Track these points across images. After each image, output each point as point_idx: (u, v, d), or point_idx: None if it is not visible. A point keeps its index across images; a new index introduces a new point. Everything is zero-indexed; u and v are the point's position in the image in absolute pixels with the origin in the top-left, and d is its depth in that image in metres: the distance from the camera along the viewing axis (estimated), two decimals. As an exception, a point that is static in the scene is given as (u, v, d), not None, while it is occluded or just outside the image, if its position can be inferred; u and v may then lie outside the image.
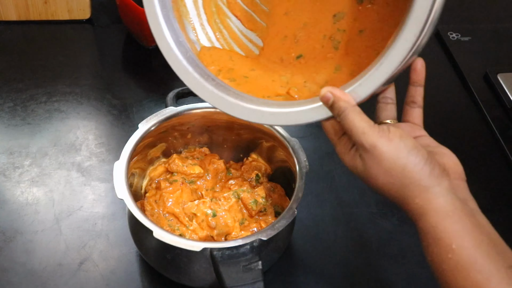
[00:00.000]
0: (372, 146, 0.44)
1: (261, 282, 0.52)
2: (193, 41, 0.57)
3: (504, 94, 0.92)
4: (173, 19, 0.54)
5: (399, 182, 0.44)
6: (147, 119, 0.66)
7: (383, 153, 0.43)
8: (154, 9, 0.52)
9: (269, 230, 0.56)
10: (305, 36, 0.56)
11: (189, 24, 0.57)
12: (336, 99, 0.45)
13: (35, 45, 0.97)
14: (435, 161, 0.44)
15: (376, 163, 0.44)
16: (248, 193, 0.66)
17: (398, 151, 0.43)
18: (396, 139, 0.44)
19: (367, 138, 0.44)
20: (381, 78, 0.44)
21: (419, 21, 0.42)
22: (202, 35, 0.58)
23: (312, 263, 0.69)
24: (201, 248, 0.54)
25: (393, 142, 0.43)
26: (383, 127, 0.45)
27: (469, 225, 0.42)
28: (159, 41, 0.53)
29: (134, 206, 0.57)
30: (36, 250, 0.68)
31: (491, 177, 0.82)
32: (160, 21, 0.52)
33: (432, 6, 0.41)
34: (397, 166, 0.43)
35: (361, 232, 0.73)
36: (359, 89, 0.46)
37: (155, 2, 0.52)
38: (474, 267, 0.41)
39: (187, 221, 0.64)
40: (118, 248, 0.68)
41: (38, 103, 0.87)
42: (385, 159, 0.44)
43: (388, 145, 0.43)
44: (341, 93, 0.45)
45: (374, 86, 0.45)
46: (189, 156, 0.72)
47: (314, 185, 0.78)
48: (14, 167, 0.77)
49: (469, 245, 0.42)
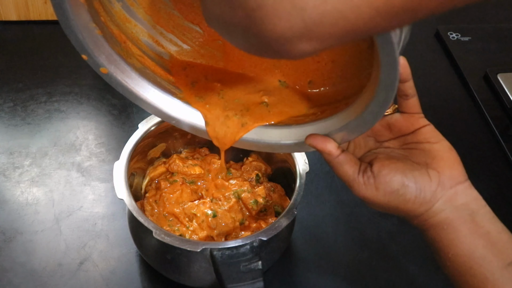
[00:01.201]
0: (363, 196, 0.47)
1: (261, 282, 0.52)
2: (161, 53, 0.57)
3: (504, 94, 0.92)
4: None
5: (397, 213, 0.48)
6: (147, 119, 0.66)
7: (374, 202, 0.47)
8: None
9: (269, 230, 0.56)
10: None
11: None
12: (319, 150, 0.47)
13: (35, 45, 0.97)
14: (425, 184, 0.45)
15: (371, 204, 0.47)
16: (249, 193, 0.66)
17: (387, 197, 0.46)
18: (381, 186, 0.45)
19: (355, 190, 0.47)
20: (366, 127, 0.44)
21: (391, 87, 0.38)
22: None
23: (312, 263, 0.69)
24: (201, 248, 0.54)
25: (380, 190, 0.46)
26: (368, 173, 0.46)
27: (464, 232, 0.44)
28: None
29: (134, 206, 0.57)
30: (36, 250, 0.68)
31: (491, 177, 0.82)
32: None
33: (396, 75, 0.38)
34: (390, 207, 0.47)
35: (361, 232, 0.73)
36: (339, 135, 0.47)
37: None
38: (470, 273, 0.44)
39: (187, 221, 0.64)
40: (118, 248, 0.68)
41: (38, 103, 0.87)
42: (377, 205, 0.47)
43: (376, 194, 0.46)
44: (323, 144, 0.47)
45: (358, 133, 0.45)
46: (189, 156, 0.72)
47: (314, 185, 0.78)
48: (14, 167, 0.77)
49: (464, 252, 0.44)
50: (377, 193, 0.46)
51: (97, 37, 0.50)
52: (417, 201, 0.45)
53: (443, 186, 0.46)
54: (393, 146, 0.49)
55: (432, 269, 0.69)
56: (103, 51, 0.51)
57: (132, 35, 0.55)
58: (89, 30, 0.49)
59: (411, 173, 0.46)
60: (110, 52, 0.52)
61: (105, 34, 0.51)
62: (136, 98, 0.55)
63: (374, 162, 0.47)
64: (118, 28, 0.53)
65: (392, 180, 0.45)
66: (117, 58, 0.53)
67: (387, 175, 0.45)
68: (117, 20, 0.53)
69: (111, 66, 0.52)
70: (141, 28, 0.55)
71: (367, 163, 0.47)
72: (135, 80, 0.55)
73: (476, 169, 0.82)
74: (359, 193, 0.47)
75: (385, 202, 0.46)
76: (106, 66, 0.52)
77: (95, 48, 0.50)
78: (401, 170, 0.46)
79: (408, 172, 0.46)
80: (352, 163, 0.47)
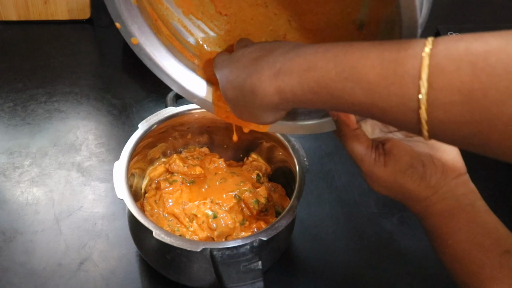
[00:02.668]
0: (370, 172, 0.48)
1: (261, 282, 0.52)
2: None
3: (504, 94, 0.92)
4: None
5: (399, 196, 0.48)
6: (147, 119, 0.66)
7: (381, 178, 0.47)
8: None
9: (269, 230, 0.56)
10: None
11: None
12: (342, 120, 0.49)
13: (35, 45, 0.98)
14: (432, 169, 0.47)
15: (376, 183, 0.48)
16: (250, 193, 0.66)
17: (394, 174, 0.47)
18: (391, 163, 0.47)
19: (364, 165, 0.48)
20: None
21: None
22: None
23: (312, 263, 0.69)
24: (201, 248, 0.54)
25: (388, 167, 0.47)
26: (379, 150, 0.48)
27: (463, 221, 0.46)
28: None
29: (134, 206, 0.57)
30: (36, 250, 0.68)
31: (491, 177, 0.82)
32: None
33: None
34: (395, 186, 0.47)
35: (361, 232, 0.73)
36: None
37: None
38: (469, 259, 0.45)
39: (188, 222, 0.64)
40: (118, 248, 0.68)
41: (38, 103, 0.87)
42: (383, 181, 0.47)
43: (384, 170, 0.47)
44: (345, 115, 0.48)
45: None
46: (189, 156, 0.72)
47: (314, 185, 0.78)
48: (14, 167, 0.77)
49: (463, 239, 0.45)
50: (385, 169, 0.47)
51: (132, 6, 0.51)
52: (422, 184, 0.47)
53: (446, 175, 0.47)
54: (398, 137, 0.51)
55: (431, 269, 0.69)
56: (136, 21, 0.52)
57: (163, 16, 0.56)
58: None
59: (419, 157, 0.47)
60: (143, 23, 0.53)
61: (140, 5, 0.52)
62: (162, 73, 0.56)
63: (386, 141, 0.48)
64: (151, 6, 0.54)
65: (402, 159, 0.47)
66: (148, 30, 0.54)
67: (398, 153, 0.47)
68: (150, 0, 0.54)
69: (142, 37, 0.53)
70: (172, 12, 0.56)
71: (379, 141, 0.49)
72: (163, 55, 0.55)
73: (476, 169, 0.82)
74: (368, 169, 0.47)
75: (391, 180, 0.47)
76: (137, 36, 0.53)
77: (128, 17, 0.51)
78: (410, 153, 0.47)
79: (417, 156, 0.47)
80: (365, 138, 0.48)
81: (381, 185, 0.48)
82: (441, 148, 0.49)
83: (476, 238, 0.45)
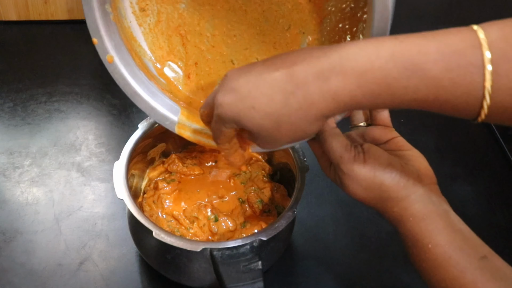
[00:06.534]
0: (349, 170, 0.47)
1: (261, 282, 0.52)
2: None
3: (504, 94, 0.92)
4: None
5: (378, 196, 0.47)
6: (147, 119, 0.66)
7: (360, 175, 0.47)
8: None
9: (269, 230, 0.56)
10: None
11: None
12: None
13: (35, 45, 0.98)
14: (409, 171, 0.47)
15: (355, 182, 0.47)
16: (255, 193, 0.66)
17: (374, 171, 0.46)
18: (370, 160, 0.47)
19: (344, 162, 0.47)
20: None
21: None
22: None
23: (312, 263, 0.69)
24: (201, 248, 0.54)
25: (368, 164, 0.47)
26: (358, 149, 0.48)
27: (442, 225, 0.45)
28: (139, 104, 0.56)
29: (134, 206, 0.57)
30: (36, 250, 0.68)
31: (491, 177, 0.82)
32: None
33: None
34: (375, 183, 0.47)
35: (361, 232, 0.73)
36: None
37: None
38: (450, 263, 0.44)
39: (188, 224, 0.64)
40: (118, 248, 0.68)
41: (38, 103, 0.87)
42: (363, 179, 0.47)
43: (364, 167, 0.47)
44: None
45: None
46: (188, 156, 0.72)
47: (314, 185, 0.78)
48: (14, 167, 0.77)
49: (443, 243, 0.45)
50: (365, 166, 0.46)
51: (110, 22, 0.51)
52: (401, 182, 0.46)
53: (421, 180, 0.47)
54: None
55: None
56: (113, 38, 0.52)
57: (136, 51, 0.56)
58: (105, 12, 0.50)
59: (397, 159, 0.48)
60: (119, 42, 0.53)
61: (118, 23, 0.52)
62: (135, 94, 0.56)
63: (364, 143, 0.49)
64: (126, 38, 0.54)
65: (381, 157, 0.47)
66: (124, 50, 0.53)
67: (376, 152, 0.47)
68: (125, 33, 0.54)
69: (117, 56, 0.53)
70: (145, 50, 0.57)
71: (357, 143, 0.49)
72: (137, 76, 0.55)
73: (476, 169, 0.82)
74: (347, 166, 0.47)
75: (371, 177, 0.46)
76: (113, 54, 0.52)
77: (106, 33, 0.51)
78: (387, 154, 0.48)
79: (395, 157, 0.48)
80: (344, 137, 0.48)
81: (360, 184, 0.47)
82: (412, 159, 0.49)
83: (455, 241, 0.45)
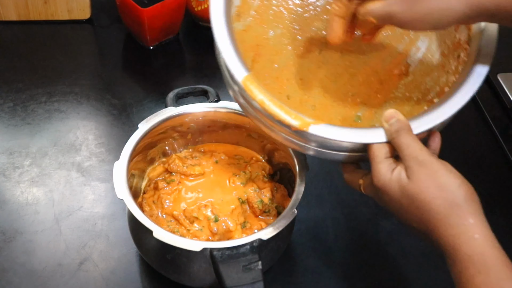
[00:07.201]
0: (429, 161, 0.46)
1: (261, 282, 0.52)
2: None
3: (504, 94, 0.92)
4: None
5: (451, 197, 0.45)
6: (147, 119, 0.66)
7: (439, 170, 0.46)
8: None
9: (269, 230, 0.56)
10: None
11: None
12: (398, 118, 0.50)
13: (35, 45, 0.97)
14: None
15: (430, 176, 0.46)
16: (255, 193, 0.66)
17: (451, 169, 0.47)
18: (446, 163, 0.47)
19: (424, 154, 0.47)
20: (438, 120, 0.51)
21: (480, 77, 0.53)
22: None
23: (312, 263, 0.69)
24: (201, 248, 0.54)
25: (445, 164, 0.47)
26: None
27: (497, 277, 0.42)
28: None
29: (134, 206, 0.57)
30: (36, 250, 0.68)
31: (491, 177, 0.82)
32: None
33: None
34: (454, 182, 0.46)
35: (361, 232, 0.73)
36: (415, 124, 0.51)
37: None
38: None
39: (188, 223, 0.64)
40: (118, 248, 0.68)
41: (38, 103, 0.87)
42: (441, 175, 0.46)
43: (442, 163, 0.47)
44: (402, 116, 0.50)
45: (431, 125, 0.51)
46: (189, 156, 0.72)
47: (314, 185, 0.78)
48: (14, 167, 0.77)
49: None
50: (443, 163, 0.47)
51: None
52: (475, 197, 0.46)
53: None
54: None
55: (431, 270, 0.69)
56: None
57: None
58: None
59: None
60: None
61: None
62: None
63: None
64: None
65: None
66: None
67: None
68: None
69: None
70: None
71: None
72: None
73: (476, 169, 0.82)
74: (428, 157, 0.47)
75: (450, 171, 0.47)
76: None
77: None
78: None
79: None
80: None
81: (435, 180, 0.46)
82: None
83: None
